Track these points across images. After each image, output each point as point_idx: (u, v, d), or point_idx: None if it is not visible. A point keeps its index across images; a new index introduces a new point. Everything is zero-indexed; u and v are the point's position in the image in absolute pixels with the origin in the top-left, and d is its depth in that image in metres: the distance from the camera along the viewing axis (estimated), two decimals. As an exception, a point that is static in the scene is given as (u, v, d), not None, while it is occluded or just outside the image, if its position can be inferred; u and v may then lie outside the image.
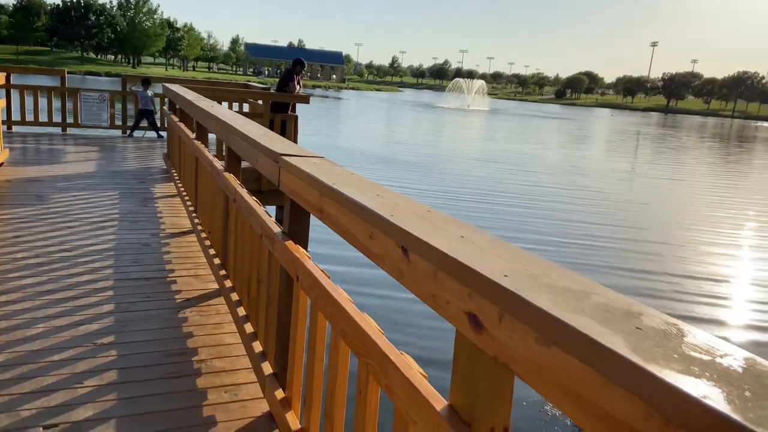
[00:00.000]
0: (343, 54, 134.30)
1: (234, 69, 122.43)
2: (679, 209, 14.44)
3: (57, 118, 9.79)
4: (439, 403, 1.16)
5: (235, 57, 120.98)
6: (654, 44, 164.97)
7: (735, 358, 0.71)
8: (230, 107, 9.46)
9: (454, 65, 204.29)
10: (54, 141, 8.89)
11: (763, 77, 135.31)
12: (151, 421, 2.19)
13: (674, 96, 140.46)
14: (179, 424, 2.19)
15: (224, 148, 3.64)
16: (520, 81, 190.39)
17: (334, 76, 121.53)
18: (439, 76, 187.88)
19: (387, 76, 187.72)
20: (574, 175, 18.32)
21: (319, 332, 1.88)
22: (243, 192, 2.93)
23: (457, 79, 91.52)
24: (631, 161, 26.18)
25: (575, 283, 0.96)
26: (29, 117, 9.42)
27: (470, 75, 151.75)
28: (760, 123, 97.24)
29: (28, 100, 9.28)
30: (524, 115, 64.03)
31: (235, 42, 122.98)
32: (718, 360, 0.70)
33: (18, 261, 3.68)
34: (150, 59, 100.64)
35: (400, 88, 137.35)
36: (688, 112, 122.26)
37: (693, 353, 0.72)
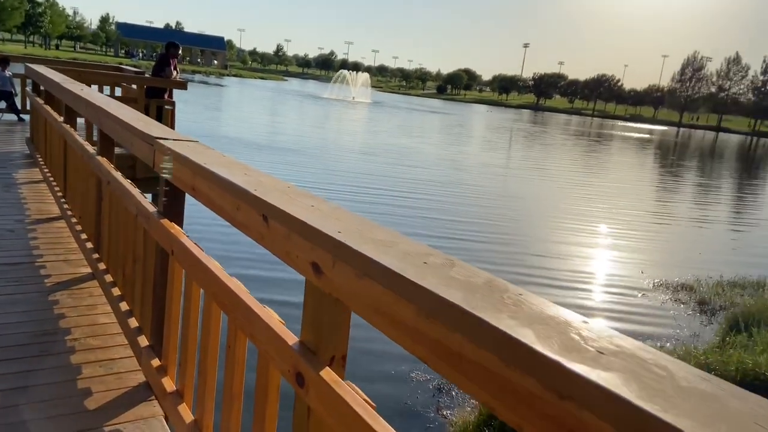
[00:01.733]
0: (225, 39, 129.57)
1: (104, 50, 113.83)
2: (547, 202, 15.78)
3: None
4: (293, 340, 1.43)
5: (104, 37, 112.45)
6: (526, 45, 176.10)
7: (480, 277, 1.04)
8: (101, 91, 9.02)
9: (340, 56, 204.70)
10: None
11: (618, 80, 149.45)
12: (26, 393, 2.25)
13: (543, 95, 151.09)
14: (53, 395, 2.27)
15: (96, 132, 3.63)
16: (404, 75, 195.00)
17: (216, 62, 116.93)
18: (325, 67, 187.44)
19: (271, 65, 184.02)
20: (450, 170, 19.27)
21: (194, 300, 2.07)
22: (117, 175, 2.99)
23: (342, 70, 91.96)
24: (505, 156, 27.99)
25: (390, 237, 1.27)
26: None
27: (356, 67, 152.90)
28: (615, 122, 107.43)
29: None
30: (407, 108, 65.84)
31: (104, 20, 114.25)
32: (462, 278, 1.02)
33: None
34: (6, 35, 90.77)
35: (285, 77, 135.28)
36: (555, 110, 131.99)
37: (452, 274, 1.04)
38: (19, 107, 9.59)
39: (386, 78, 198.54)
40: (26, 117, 9.05)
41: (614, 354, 0.77)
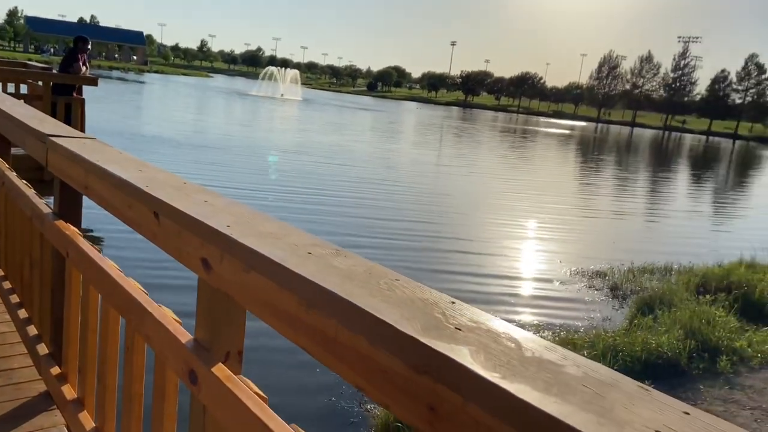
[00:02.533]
0: (145, 34, 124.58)
1: (12, 45, 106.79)
2: (474, 198, 16.15)
3: None
4: (187, 338, 1.40)
5: (12, 32, 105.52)
6: (453, 43, 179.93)
7: (361, 266, 1.06)
8: (4, 89, 8.48)
9: (267, 53, 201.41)
10: None
11: (541, 78, 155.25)
12: None
13: (471, 92, 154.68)
14: (-59, 412, 2.13)
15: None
16: (334, 72, 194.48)
17: (135, 57, 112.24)
18: (253, 63, 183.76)
19: (195, 61, 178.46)
20: (382, 168, 19.26)
21: (92, 304, 1.99)
22: (11, 175, 2.83)
23: (270, 67, 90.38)
24: (436, 153, 28.40)
25: (280, 229, 1.27)
26: None
27: (284, 63, 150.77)
28: (539, 118, 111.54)
29: None
30: (338, 105, 65.67)
31: (12, 14, 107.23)
32: (344, 267, 1.05)
33: None
34: None
35: (210, 74, 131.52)
36: (483, 107, 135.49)
37: (334, 263, 1.06)
38: None
39: (316, 75, 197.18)
40: None
41: (471, 330, 0.81)
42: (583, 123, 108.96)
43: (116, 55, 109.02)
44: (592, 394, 0.65)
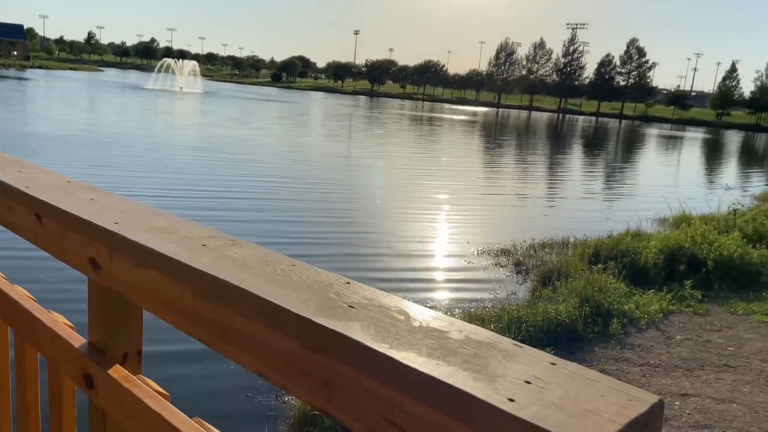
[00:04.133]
0: (26, 27, 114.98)
1: None
2: (384, 189, 16.30)
3: None
4: (80, 342, 1.34)
5: None
6: (357, 32, 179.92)
7: (258, 254, 1.07)
8: None
9: (163, 44, 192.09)
10: None
11: (444, 66, 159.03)
12: None
13: (377, 81, 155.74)
14: None
15: None
16: (236, 63, 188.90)
17: (15, 52, 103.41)
18: (146, 56, 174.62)
19: (83, 54, 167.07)
20: (291, 162, 18.82)
21: (-26, 316, 1.85)
22: None
23: (166, 59, 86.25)
24: (345, 144, 28.30)
25: (172, 223, 1.24)
26: None
27: (182, 55, 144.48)
28: (443, 105, 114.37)
29: None
30: (242, 98, 63.94)
31: None
32: (239, 257, 1.05)
33: None
34: None
35: (101, 68, 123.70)
36: (389, 95, 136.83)
37: (229, 254, 1.06)
38: None
39: (216, 66, 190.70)
40: None
41: (363, 307, 0.84)
42: (485, 108, 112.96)
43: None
44: (471, 354, 0.70)
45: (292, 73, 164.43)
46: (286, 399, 4.25)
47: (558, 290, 6.51)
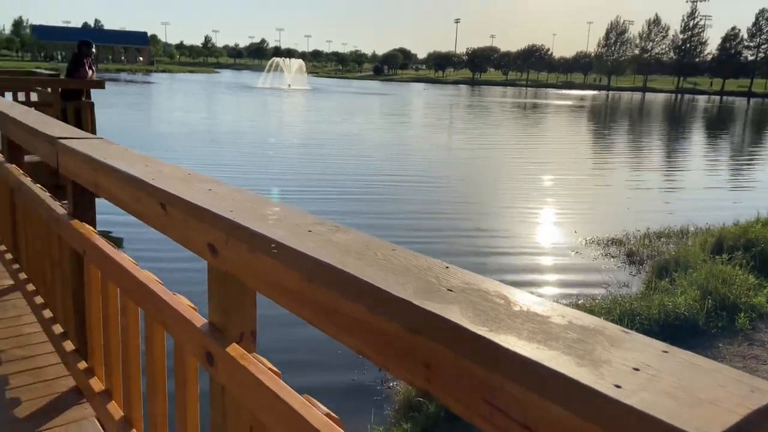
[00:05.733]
0: (149, 34, 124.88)
1: (20, 55, 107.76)
2: (493, 179, 15.95)
3: None
4: (201, 322, 1.46)
5: (19, 42, 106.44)
6: (457, 21, 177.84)
7: (359, 240, 1.10)
8: (15, 98, 8.60)
9: (272, 44, 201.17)
10: None
11: (548, 49, 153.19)
12: (-55, 413, 2.19)
13: (478, 69, 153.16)
14: (-23, 411, 2.22)
15: (4, 140, 3.50)
16: (340, 59, 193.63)
17: (141, 58, 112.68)
18: (257, 56, 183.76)
19: (201, 57, 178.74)
20: (398, 156, 18.49)
21: (111, 298, 2.06)
22: (26, 180, 2.91)
23: (275, 58, 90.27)
24: (448, 135, 28.03)
25: (281, 211, 1.31)
26: None
27: (289, 53, 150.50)
28: (548, 90, 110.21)
29: None
30: (345, 92, 65.48)
31: (18, 24, 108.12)
32: (341, 242, 1.08)
33: None
34: None
35: (216, 69, 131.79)
36: (491, 83, 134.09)
37: (333, 239, 1.10)
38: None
39: (321, 63, 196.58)
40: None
41: (462, 290, 0.84)
42: (593, 92, 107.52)
43: (123, 57, 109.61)
44: (574, 339, 0.68)
45: (393, 66, 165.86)
46: (391, 384, 4.34)
47: (676, 282, 6.08)
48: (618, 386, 0.59)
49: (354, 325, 0.91)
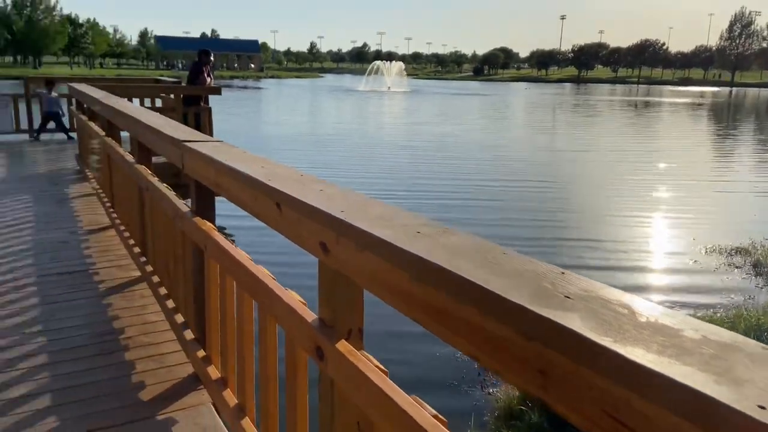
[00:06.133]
0: (260, 42, 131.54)
1: (145, 64, 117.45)
2: (604, 179, 15.25)
3: (-44, 127, 9.40)
4: (312, 317, 1.51)
5: (145, 51, 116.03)
6: (563, 17, 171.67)
7: (468, 242, 1.09)
8: (142, 103, 9.38)
9: (373, 48, 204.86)
10: (-45, 150, 8.56)
11: (664, 44, 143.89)
12: (87, 389, 2.43)
13: (584, 66, 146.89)
14: (113, 389, 2.44)
15: (134, 142, 3.82)
16: (439, 60, 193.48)
17: (252, 65, 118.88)
18: (359, 60, 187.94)
19: (306, 62, 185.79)
20: (495, 158, 18.01)
21: (228, 291, 2.19)
22: (154, 180, 3.16)
23: (375, 62, 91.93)
24: (550, 136, 27.00)
25: (390, 212, 1.33)
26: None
27: (389, 57, 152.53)
28: (663, 87, 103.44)
29: None
30: (445, 93, 65.26)
31: (143, 35, 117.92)
32: (450, 244, 1.08)
33: (-66, 268, 3.73)
34: (52, 58, 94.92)
35: (320, 74, 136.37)
36: (598, 81, 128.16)
37: (441, 241, 1.09)
38: (68, 126, 10.08)
39: (421, 65, 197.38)
40: (75, 135, 9.51)
41: (581, 298, 0.81)
42: (714, 88, 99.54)
43: (235, 65, 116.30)
44: (711, 356, 0.63)
45: (493, 66, 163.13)
46: (491, 390, 4.27)
47: (812, 297, 5.49)
48: (762, 407, 0.54)
49: (464, 328, 0.91)
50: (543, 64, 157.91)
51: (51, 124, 10.02)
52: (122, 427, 2.19)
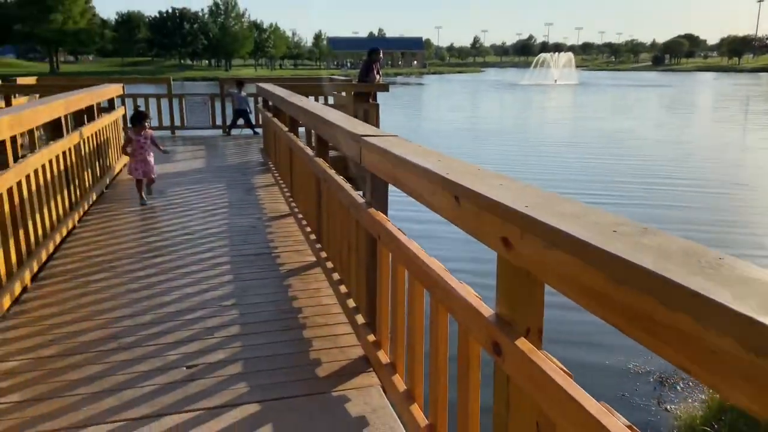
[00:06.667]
0: (423, 39, 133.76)
1: (318, 64, 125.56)
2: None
3: (166, 122, 10.84)
4: (488, 312, 1.50)
5: (318, 52, 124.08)
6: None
7: (674, 244, 1.00)
8: (316, 101, 10.05)
9: (539, 40, 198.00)
10: (165, 143, 9.89)
11: None
12: (271, 361, 2.67)
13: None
14: (292, 363, 2.66)
15: (314, 137, 4.11)
16: (613, 50, 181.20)
17: (415, 62, 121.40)
18: (524, 53, 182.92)
19: (469, 57, 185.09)
20: (676, 158, 16.04)
21: (399, 280, 2.26)
22: (332, 172, 3.36)
23: (542, 54, 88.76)
24: (745, 132, 23.79)
25: (578, 209, 1.27)
26: (142, 124, 10.50)
27: (557, 48, 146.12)
28: None
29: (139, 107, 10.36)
30: (617, 85, 61.05)
31: (318, 37, 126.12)
32: (654, 245, 1.00)
33: (150, 244, 4.35)
34: (240, 61, 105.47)
35: (482, 69, 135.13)
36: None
37: (643, 241, 1.02)
38: (254, 122, 11.13)
39: (592, 56, 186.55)
40: (260, 130, 10.48)
41: (826, 314, 0.71)
42: None
43: (399, 62, 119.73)
44: None
45: (676, 55, 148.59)
46: (668, 407, 3.92)
47: None
48: None
49: (675, 338, 0.84)
50: (735, 52, 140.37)
51: (240, 121, 11.14)
52: (301, 399, 2.37)
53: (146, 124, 5.79)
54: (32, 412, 2.26)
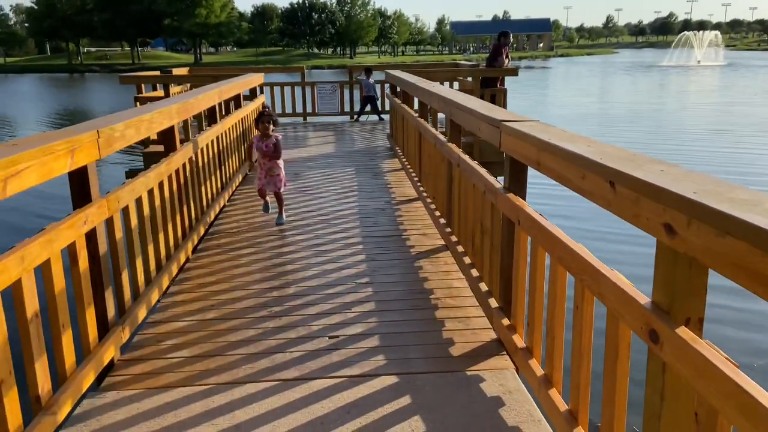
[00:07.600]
0: (551, 20, 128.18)
1: (440, 49, 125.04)
2: None
3: (299, 109, 11.43)
4: (644, 300, 1.48)
5: (440, 37, 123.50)
6: None
7: None
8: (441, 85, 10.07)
9: (680, 17, 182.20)
10: (298, 129, 10.45)
11: None
12: (404, 337, 2.79)
13: None
14: (426, 341, 2.76)
15: (447, 122, 4.15)
16: (765, 28, 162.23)
17: (541, 44, 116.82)
18: (663, 32, 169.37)
19: (600, 38, 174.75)
20: None
21: (539, 265, 2.26)
22: (466, 158, 3.40)
23: (684, 32, 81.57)
24: None
25: (752, 196, 1.21)
26: (277, 109, 11.16)
27: (701, 26, 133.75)
28: None
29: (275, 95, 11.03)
30: (770, 65, 54.64)
31: (440, 22, 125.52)
32: None
33: (290, 223, 4.66)
34: (363, 49, 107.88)
35: (615, 50, 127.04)
36: None
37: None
38: (380, 109, 11.41)
39: (741, 34, 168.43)
40: (385, 117, 10.71)
41: None
42: None
43: (525, 45, 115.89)
44: None
45: None
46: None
47: None
48: None
49: None
50: None
51: (367, 107, 11.46)
52: (435, 375, 2.46)
53: (270, 125, 4.44)
54: (200, 366, 2.55)
